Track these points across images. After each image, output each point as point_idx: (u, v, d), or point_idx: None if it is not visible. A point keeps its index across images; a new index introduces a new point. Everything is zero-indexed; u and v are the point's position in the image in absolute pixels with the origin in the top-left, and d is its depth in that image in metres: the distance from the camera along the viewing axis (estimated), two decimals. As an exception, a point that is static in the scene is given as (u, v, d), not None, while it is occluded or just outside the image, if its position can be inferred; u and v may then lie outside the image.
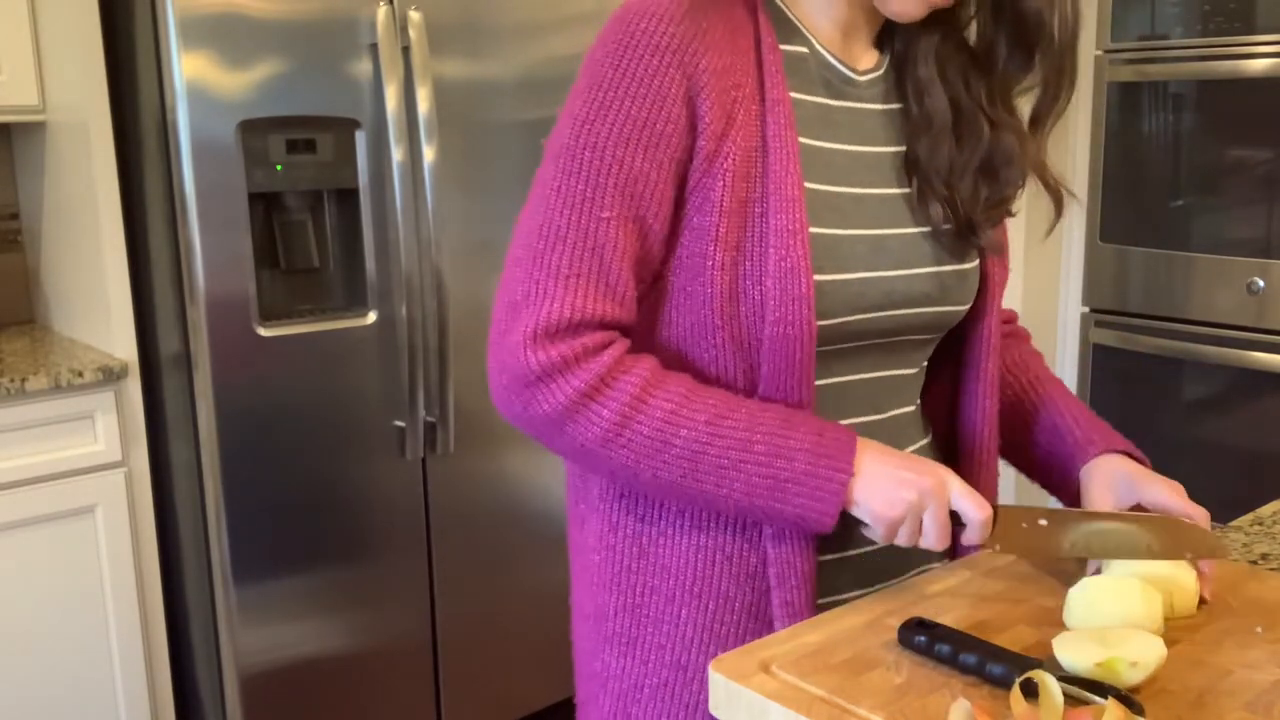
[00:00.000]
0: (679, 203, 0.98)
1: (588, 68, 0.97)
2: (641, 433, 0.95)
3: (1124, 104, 2.79)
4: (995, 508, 0.98)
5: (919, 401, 1.16)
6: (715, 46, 0.96)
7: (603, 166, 0.95)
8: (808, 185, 0.99)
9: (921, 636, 0.89)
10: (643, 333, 1.02)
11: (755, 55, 0.99)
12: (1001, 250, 1.12)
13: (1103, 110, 2.82)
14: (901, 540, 0.97)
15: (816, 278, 0.98)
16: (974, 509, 0.96)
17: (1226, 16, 2.57)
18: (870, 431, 1.08)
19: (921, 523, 0.96)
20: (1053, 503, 1.16)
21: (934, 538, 0.96)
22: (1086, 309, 2.95)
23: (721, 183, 0.96)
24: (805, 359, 0.97)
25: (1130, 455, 1.15)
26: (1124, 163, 2.81)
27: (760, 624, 1.03)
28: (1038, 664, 0.84)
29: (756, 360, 0.98)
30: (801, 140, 1.00)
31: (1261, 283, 2.59)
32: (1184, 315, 2.75)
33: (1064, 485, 1.17)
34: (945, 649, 0.87)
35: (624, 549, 1.05)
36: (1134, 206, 2.82)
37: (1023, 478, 1.23)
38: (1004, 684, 0.84)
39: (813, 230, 0.98)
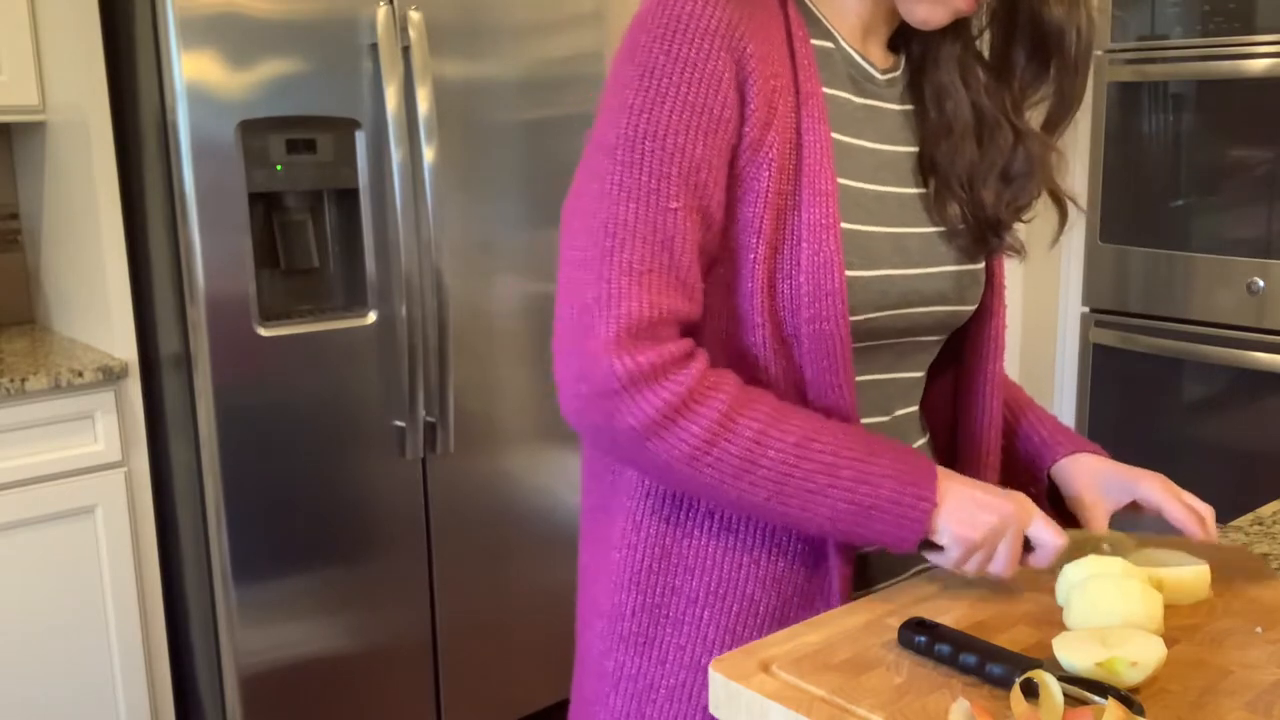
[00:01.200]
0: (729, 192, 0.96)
1: (632, 54, 0.93)
2: (730, 452, 0.93)
3: (1124, 104, 2.79)
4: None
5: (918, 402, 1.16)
6: (756, 34, 0.95)
7: (665, 156, 0.91)
8: (838, 181, 0.99)
9: (921, 636, 0.89)
10: (702, 327, 1.00)
11: (788, 47, 0.98)
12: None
13: (1103, 110, 2.82)
14: (972, 567, 0.96)
15: (848, 274, 0.97)
16: (1052, 536, 0.96)
17: (1226, 16, 2.57)
18: (898, 427, 1.09)
19: (994, 549, 0.96)
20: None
21: (1004, 563, 0.96)
22: (1086, 309, 2.95)
23: (767, 173, 0.95)
24: (844, 354, 0.97)
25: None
26: (1124, 163, 2.81)
27: (783, 627, 1.02)
28: (1038, 664, 0.84)
29: (796, 358, 0.97)
30: (834, 136, 1.00)
31: (1261, 283, 2.59)
32: (1184, 315, 2.75)
33: (1028, 484, 1.17)
34: (945, 649, 0.87)
35: (646, 548, 1.04)
36: (1134, 206, 2.82)
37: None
38: (1004, 684, 0.84)
39: (843, 226, 0.98)
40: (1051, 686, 0.78)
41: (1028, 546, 0.98)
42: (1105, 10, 2.80)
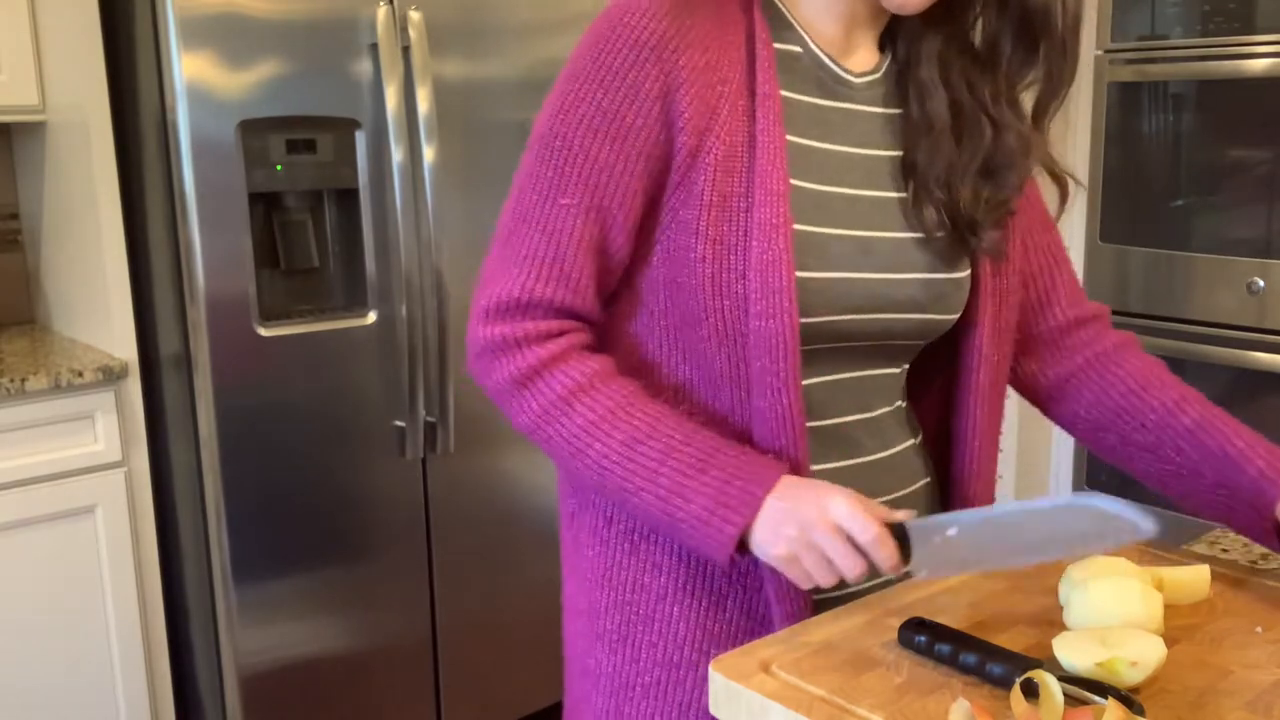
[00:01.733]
0: (658, 197, 0.99)
1: (572, 58, 1.00)
2: (561, 434, 0.98)
3: (1124, 104, 2.79)
4: (898, 526, 0.91)
5: (905, 401, 1.15)
6: (699, 44, 0.97)
7: (569, 155, 0.97)
8: (796, 182, 0.99)
9: (922, 636, 0.89)
10: (639, 322, 1.04)
11: (746, 52, 0.99)
12: (1000, 254, 1.09)
13: (1103, 110, 2.82)
14: (820, 580, 0.92)
15: (801, 274, 0.98)
16: (859, 529, 0.89)
17: (1226, 16, 2.57)
18: (859, 430, 1.08)
19: (819, 557, 0.91)
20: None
21: (844, 568, 0.90)
22: (1086, 309, 2.95)
23: (704, 176, 0.97)
24: (790, 353, 0.97)
25: None
26: (1124, 163, 2.81)
27: (753, 622, 1.03)
28: (1038, 664, 0.84)
29: (743, 354, 0.98)
30: (790, 138, 1.00)
31: (1261, 283, 2.59)
32: (1184, 315, 2.75)
33: (1253, 523, 1.05)
34: (945, 649, 0.87)
35: (616, 545, 1.06)
36: (1134, 206, 2.81)
37: (1026, 485, 1.21)
38: (1004, 684, 0.84)
39: (798, 227, 0.98)
40: (1052, 686, 0.78)
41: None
42: (1105, 10, 2.80)
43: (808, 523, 0.91)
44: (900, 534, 0.91)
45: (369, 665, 2.40)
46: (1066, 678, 0.82)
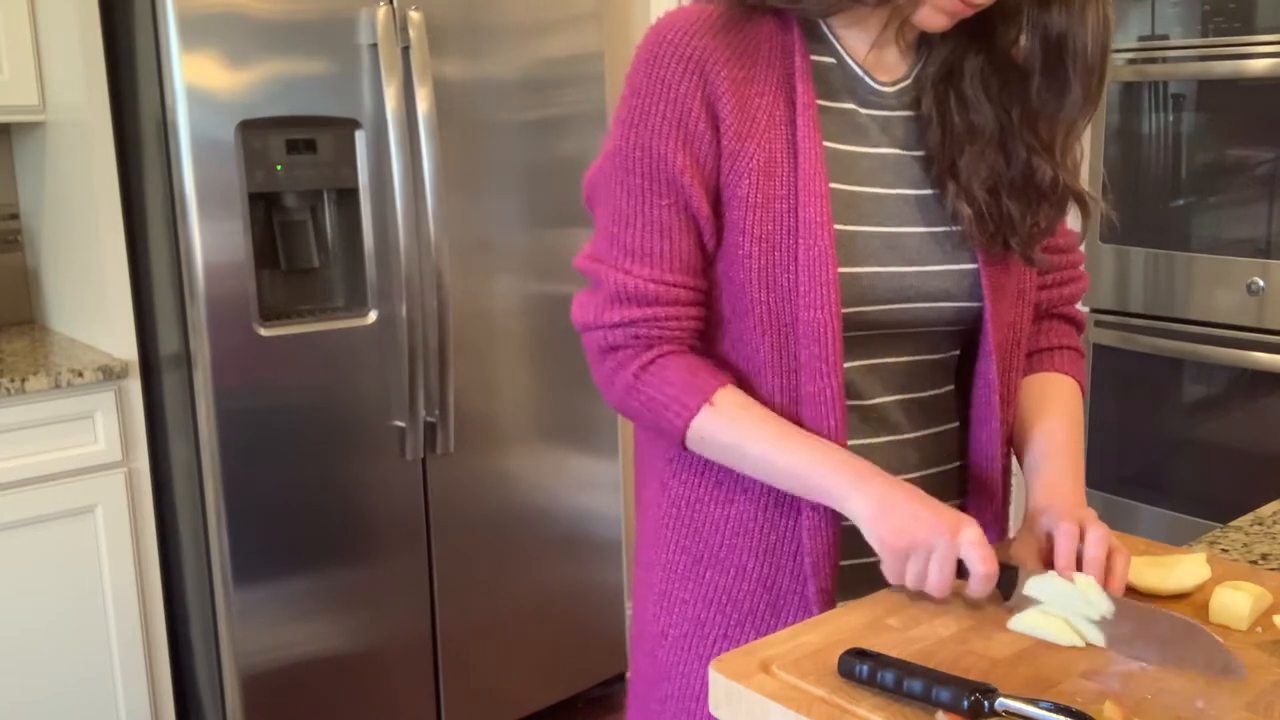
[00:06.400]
0: (716, 197, 1.07)
1: (629, 77, 1.08)
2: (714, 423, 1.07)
3: (1124, 104, 2.79)
4: (1014, 568, 0.97)
5: (952, 386, 1.18)
6: (737, 58, 1.05)
7: (651, 163, 1.05)
8: (830, 184, 1.05)
9: (864, 666, 0.85)
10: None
11: (785, 66, 1.06)
12: (1037, 261, 1.14)
13: (1103, 110, 2.82)
14: (910, 580, 0.98)
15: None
16: (979, 562, 0.96)
17: (1226, 16, 2.57)
18: (896, 411, 1.13)
19: (926, 567, 0.97)
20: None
21: (934, 582, 0.97)
22: (1087, 309, 2.95)
23: (747, 180, 1.04)
24: (834, 340, 1.04)
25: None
26: (1124, 163, 2.81)
27: (771, 594, 1.11)
28: (987, 689, 0.82)
29: (790, 342, 1.06)
30: (826, 144, 1.07)
31: (1261, 283, 2.59)
32: (1184, 315, 2.74)
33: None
34: (889, 677, 0.84)
35: (667, 510, 1.16)
36: (1134, 206, 2.81)
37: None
38: (954, 709, 0.81)
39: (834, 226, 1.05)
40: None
41: (964, 572, 0.97)
42: (1105, 10, 2.79)
43: (937, 532, 0.96)
44: (1011, 573, 0.97)
45: (369, 665, 2.40)
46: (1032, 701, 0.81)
